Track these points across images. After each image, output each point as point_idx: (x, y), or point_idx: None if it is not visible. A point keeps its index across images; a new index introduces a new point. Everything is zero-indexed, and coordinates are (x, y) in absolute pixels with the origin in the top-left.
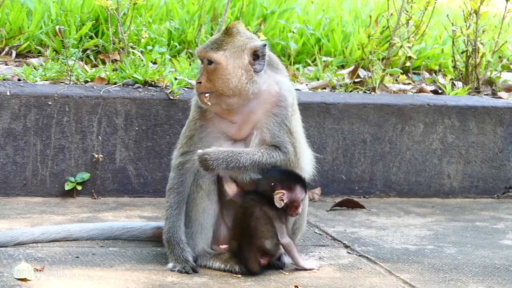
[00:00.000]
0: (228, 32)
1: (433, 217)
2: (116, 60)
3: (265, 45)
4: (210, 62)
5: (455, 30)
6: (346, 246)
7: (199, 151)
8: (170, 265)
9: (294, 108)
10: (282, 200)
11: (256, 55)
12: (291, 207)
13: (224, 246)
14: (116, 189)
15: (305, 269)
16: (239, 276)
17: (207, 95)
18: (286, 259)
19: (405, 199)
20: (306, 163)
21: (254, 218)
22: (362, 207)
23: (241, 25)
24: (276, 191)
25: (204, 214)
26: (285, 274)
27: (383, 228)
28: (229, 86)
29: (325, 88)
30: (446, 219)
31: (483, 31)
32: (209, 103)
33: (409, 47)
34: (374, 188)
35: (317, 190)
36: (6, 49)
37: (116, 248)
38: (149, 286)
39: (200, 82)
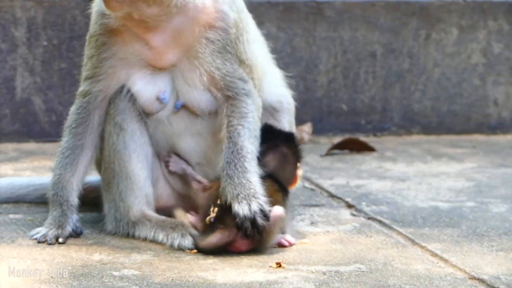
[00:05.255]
0: None
1: (475, 162)
2: None
3: None
4: None
5: None
6: (350, 206)
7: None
8: (35, 230)
9: (242, 26)
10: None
11: None
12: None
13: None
14: (18, 131)
15: None
16: (195, 251)
17: None
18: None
19: (434, 137)
20: (273, 88)
21: None
22: (371, 149)
23: None
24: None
25: (131, 162)
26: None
27: (402, 179)
28: None
29: None
30: (493, 164)
31: None
32: (120, 10)
33: None
34: (388, 121)
35: (307, 127)
36: None
37: (20, 214)
38: (68, 268)
39: None
